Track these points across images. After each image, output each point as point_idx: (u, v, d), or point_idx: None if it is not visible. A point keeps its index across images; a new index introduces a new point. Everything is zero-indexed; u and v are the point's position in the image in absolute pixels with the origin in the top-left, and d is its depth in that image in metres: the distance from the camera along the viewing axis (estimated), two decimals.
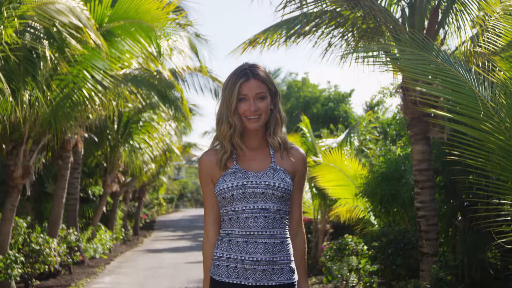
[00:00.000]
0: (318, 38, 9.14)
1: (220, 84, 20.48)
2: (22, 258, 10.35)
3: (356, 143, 15.18)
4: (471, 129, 5.76)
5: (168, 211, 50.38)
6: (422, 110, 8.19)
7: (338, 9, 8.04)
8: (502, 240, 5.65)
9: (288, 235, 3.26)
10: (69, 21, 8.29)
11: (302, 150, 3.37)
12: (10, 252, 10.27)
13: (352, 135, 15.04)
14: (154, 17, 9.78)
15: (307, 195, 14.70)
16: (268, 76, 3.23)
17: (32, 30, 8.79)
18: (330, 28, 8.95)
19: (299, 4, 8.24)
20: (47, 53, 8.69)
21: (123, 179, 20.12)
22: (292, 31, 9.20)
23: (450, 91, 5.86)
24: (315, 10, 8.66)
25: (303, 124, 14.94)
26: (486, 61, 6.60)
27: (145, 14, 9.72)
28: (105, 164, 18.95)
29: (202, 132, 49.25)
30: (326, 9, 8.70)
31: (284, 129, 3.41)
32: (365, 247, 10.83)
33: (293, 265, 3.26)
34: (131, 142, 18.91)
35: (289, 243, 3.25)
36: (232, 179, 3.18)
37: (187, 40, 14.47)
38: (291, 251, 3.27)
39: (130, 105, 14.38)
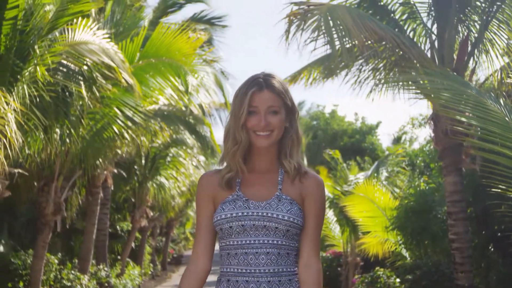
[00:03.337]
0: (346, 76, 9.23)
1: None
2: None
3: (385, 175, 15.12)
4: (503, 158, 5.72)
5: None
6: (454, 139, 8.14)
7: (368, 43, 8.04)
8: None
9: (297, 273, 2.79)
10: (101, 60, 8.42)
11: (317, 176, 2.89)
12: None
13: (380, 168, 15.01)
14: (184, 56, 9.93)
15: (336, 229, 14.61)
16: (285, 88, 2.81)
17: (64, 69, 8.93)
18: (360, 61, 8.99)
19: (327, 45, 8.19)
20: (84, 92, 8.81)
21: (151, 214, 20.16)
22: (326, 71, 9.33)
23: (482, 120, 5.84)
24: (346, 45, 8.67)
25: (334, 154, 14.98)
26: None
27: (176, 53, 9.87)
28: (133, 200, 19.02)
29: None
30: (353, 43, 8.72)
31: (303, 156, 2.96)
32: (397, 280, 10.71)
33: None
34: (158, 178, 18.99)
35: (298, 281, 2.78)
36: (231, 209, 2.75)
37: (213, 76, 14.62)
38: None
39: (158, 141, 14.49)
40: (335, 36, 7.57)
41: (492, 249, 9.94)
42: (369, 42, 8.22)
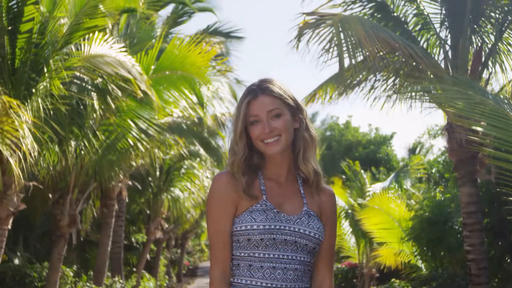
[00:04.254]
0: (359, 87, 9.22)
1: None
2: None
3: (409, 185, 15.11)
4: None
5: None
6: (469, 149, 8.08)
7: (380, 54, 8.01)
8: None
9: None
10: (116, 72, 8.45)
11: (331, 189, 2.81)
12: None
13: (401, 176, 14.98)
14: (199, 68, 9.97)
15: (352, 240, 14.55)
16: (283, 89, 2.65)
17: (78, 82, 8.98)
18: (373, 74, 8.97)
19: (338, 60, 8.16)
20: (96, 105, 8.86)
21: (166, 226, 20.18)
22: (341, 89, 9.38)
23: (500, 129, 5.78)
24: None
25: (355, 167, 14.97)
26: None
27: (191, 66, 9.91)
28: (148, 212, 19.05)
29: None
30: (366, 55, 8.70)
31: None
32: None
33: None
34: (173, 189, 19.01)
35: None
36: (264, 220, 2.56)
37: (227, 86, 14.66)
38: None
39: (172, 152, 14.53)
40: (345, 49, 7.55)
41: (509, 261, 9.85)
42: (382, 53, 8.19)
